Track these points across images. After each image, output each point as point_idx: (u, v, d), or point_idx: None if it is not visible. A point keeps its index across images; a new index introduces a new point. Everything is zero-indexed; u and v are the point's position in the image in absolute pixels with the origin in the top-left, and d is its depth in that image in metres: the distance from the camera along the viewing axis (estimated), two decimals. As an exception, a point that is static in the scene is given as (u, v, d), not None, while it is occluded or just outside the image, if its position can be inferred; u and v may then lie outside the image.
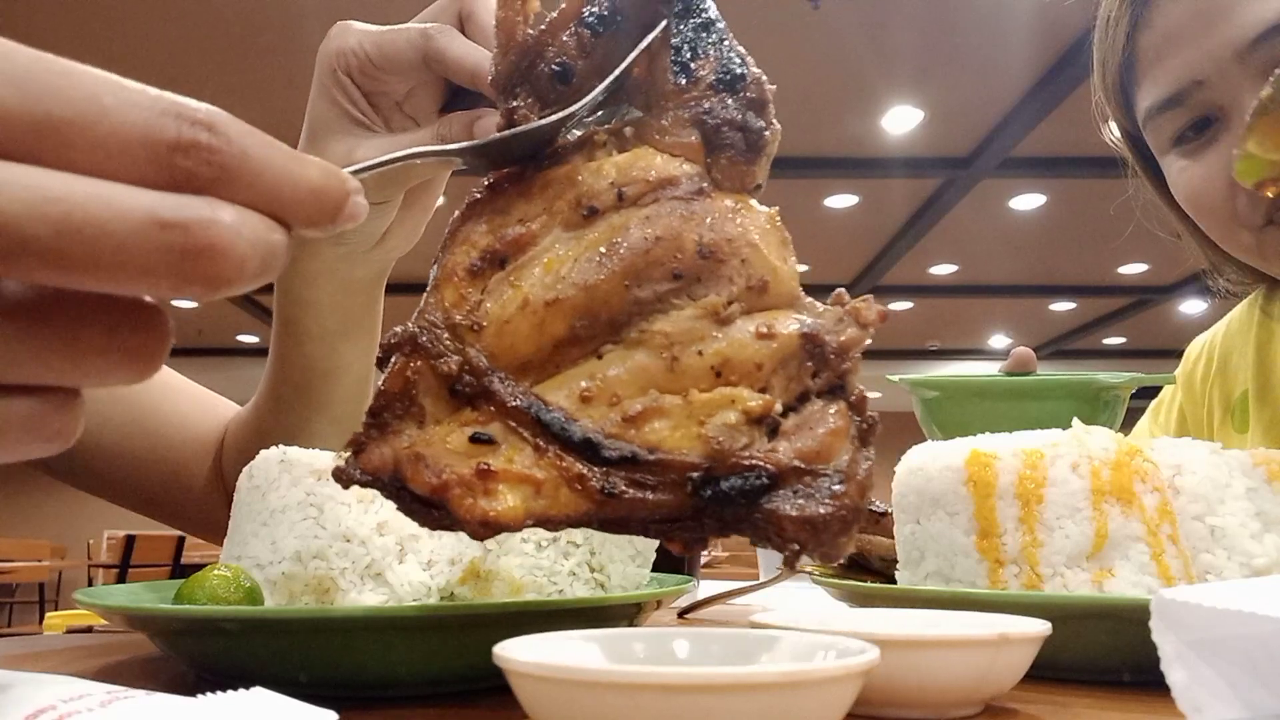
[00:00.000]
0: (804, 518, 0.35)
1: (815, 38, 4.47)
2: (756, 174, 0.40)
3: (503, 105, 0.41)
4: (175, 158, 0.24)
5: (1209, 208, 0.85)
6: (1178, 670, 0.31)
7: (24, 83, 0.23)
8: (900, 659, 0.39)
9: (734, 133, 0.40)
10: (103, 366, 0.25)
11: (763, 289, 0.38)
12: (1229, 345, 1.10)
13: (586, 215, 0.39)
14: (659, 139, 0.40)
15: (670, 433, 0.36)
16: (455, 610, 0.46)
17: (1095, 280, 8.40)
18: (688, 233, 0.38)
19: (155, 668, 0.58)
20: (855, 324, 0.39)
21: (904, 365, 11.46)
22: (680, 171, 0.39)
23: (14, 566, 6.72)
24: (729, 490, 0.35)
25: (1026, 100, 5.03)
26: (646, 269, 0.37)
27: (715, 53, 0.40)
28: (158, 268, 0.23)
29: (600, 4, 0.40)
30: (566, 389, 0.37)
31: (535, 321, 0.37)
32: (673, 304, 0.37)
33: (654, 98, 0.41)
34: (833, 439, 0.37)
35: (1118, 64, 0.89)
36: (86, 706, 0.27)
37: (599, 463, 0.36)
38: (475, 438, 0.36)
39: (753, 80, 0.40)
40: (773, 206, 0.40)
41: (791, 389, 0.37)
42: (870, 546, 0.75)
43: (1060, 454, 0.57)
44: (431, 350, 0.37)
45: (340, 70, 0.61)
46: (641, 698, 0.28)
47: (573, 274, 0.37)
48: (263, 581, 0.59)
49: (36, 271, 0.23)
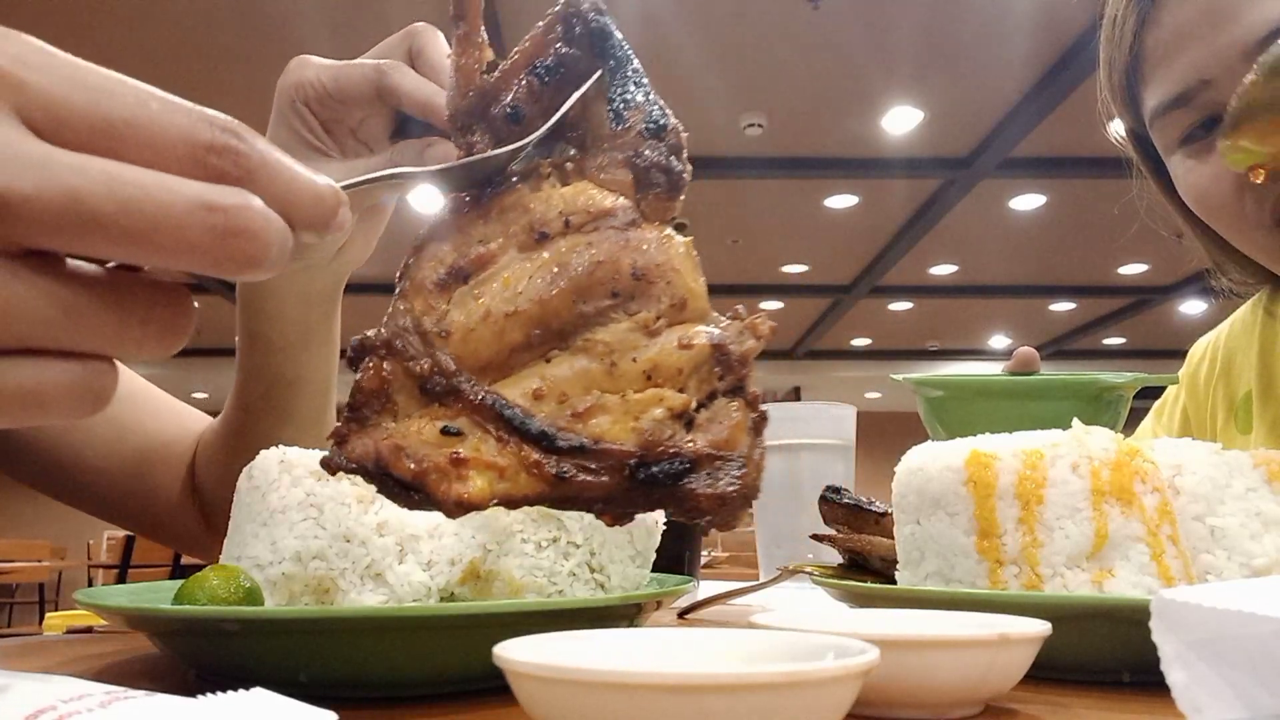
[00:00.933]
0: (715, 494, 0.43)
1: (815, 38, 4.47)
2: (675, 208, 0.47)
3: (461, 139, 0.48)
4: (210, 157, 0.28)
5: (1217, 207, 0.85)
6: (1178, 670, 0.31)
7: (88, 88, 0.27)
8: (900, 659, 0.39)
9: (660, 174, 0.47)
10: (140, 336, 0.29)
11: (683, 306, 0.46)
12: (1233, 346, 1.10)
13: (539, 239, 0.45)
14: (597, 174, 0.47)
15: (611, 426, 0.43)
16: (455, 610, 0.46)
17: (1095, 280, 8.41)
18: (624, 258, 0.45)
19: (155, 668, 0.58)
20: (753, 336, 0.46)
21: (904, 365, 11.46)
22: (616, 205, 0.46)
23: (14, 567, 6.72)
24: (658, 474, 0.42)
25: (1026, 100, 5.03)
26: (590, 287, 0.44)
27: (643, 104, 0.48)
28: (201, 244, 0.27)
29: (547, 57, 0.47)
30: (520, 387, 0.43)
31: (496, 330, 0.43)
32: (611, 317, 0.45)
33: (591, 139, 0.48)
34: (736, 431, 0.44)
35: (1124, 63, 0.89)
36: (86, 707, 0.27)
37: (552, 451, 0.42)
38: (446, 430, 0.42)
39: (673, 129, 0.48)
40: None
41: (703, 389, 0.45)
42: (870, 546, 0.75)
43: (1060, 454, 0.57)
44: (405, 353, 0.42)
45: (299, 100, 0.66)
46: (641, 698, 0.28)
47: (528, 289, 0.44)
48: (263, 582, 0.59)
49: (102, 245, 0.27)
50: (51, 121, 0.27)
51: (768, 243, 7.45)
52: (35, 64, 0.27)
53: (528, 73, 0.47)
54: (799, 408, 1.14)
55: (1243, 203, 0.82)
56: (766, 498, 1.15)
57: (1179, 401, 1.16)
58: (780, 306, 9.32)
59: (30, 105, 0.27)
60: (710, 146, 5.64)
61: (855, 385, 11.23)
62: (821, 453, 1.12)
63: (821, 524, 0.82)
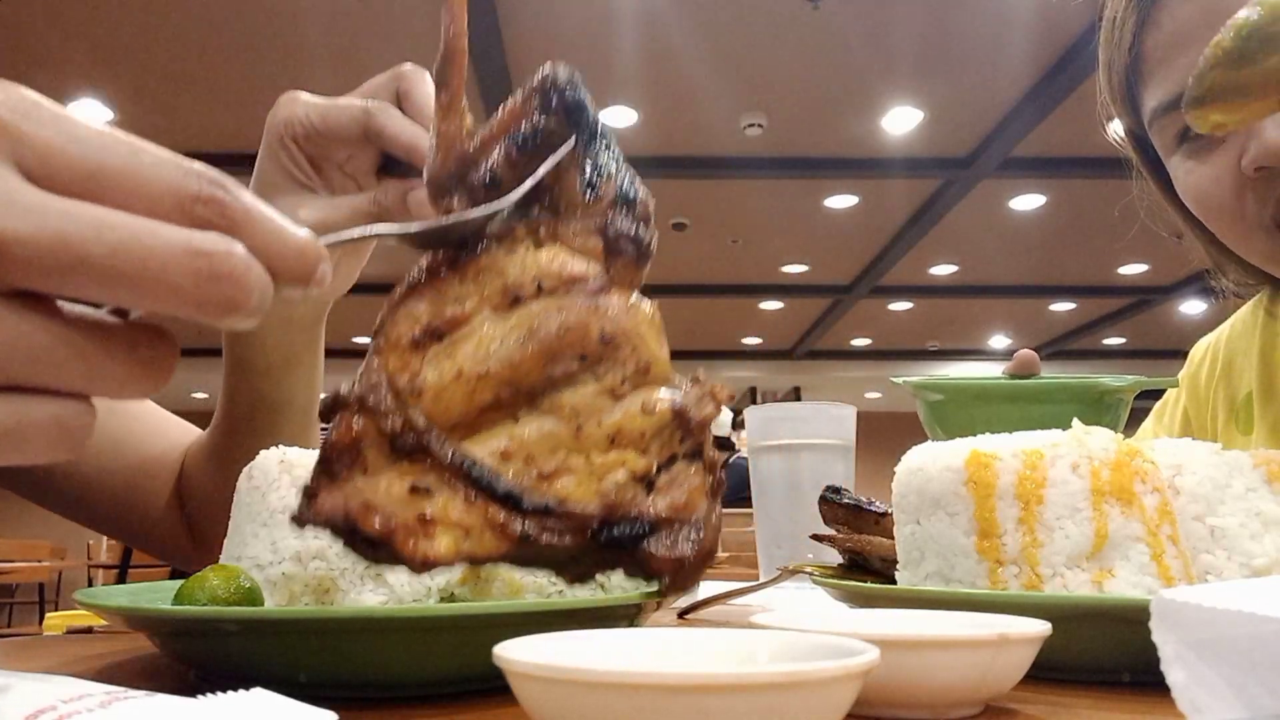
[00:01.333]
0: (673, 558, 0.44)
1: (815, 38, 4.47)
2: (643, 276, 0.50)
3: (439, 201, 0.49)
4: (196, 207, 0.29)
5: (1217, 208, 0.85)
6: (1178, 670, 0.31)
7: (80, 140, 0.29)
8: (900, 659, 0.39)
9: (629, 243, 0.49)
10: (123, 376, 0.30)
11: (646, 371, 0.47)
12: (1233, 347, 1.10)
13: (512, 302, 0.47)
14: (570, 240, 0.49)
15: (575, 488, 0.44)
16: (455, 611, 0.46)
17: (1095, 280, 8.41)
18: (593, 323, 0.46)
19: (155, 668, 0.58)
20: (712, 401, 0.48)
21: (904, 365, 11.46)
22: (587, 270, 0.48)
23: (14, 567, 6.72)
24: (619, 535, 0.44)
25: (1026, 100, 5.03)
26: (560, 350, 0.46)
27: (615, 174, 0.50)
28: (185, 287, 0.28)
29: (525, 126, 0.49)
30: (489, 446, 0.45)
31: (468, 390, 0.44)
32: (579, 380, 0.46)
33: (564, 205, 0.50)
34: (695, 495, 0.46)
35: (1124, 64, 0.89)
36: (86, 707, 0.27)
37: (518, 512, 0.43)
38: (415, 488, 0.43)
39: (642, 201, 0.50)
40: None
41: (664, 452, 0.47)
42: (870, 546, 0.75)
43: (1060, 454, 0.57)
44: (377, 409, 0.43)
45: (287, 136, 0.67)
46: (641, 698, 0.28)
47: (500, 351, 0.45)
48: (263, 582, 0.59)
49: (90, 287, 0.28)
50: (46, 170, 0.28)
51: (768, 243, 7.45)
52: (32, 115, 0.28)
53: (507, 139, 0.49)
54: (799, 408, 1.14)
55: (1242, 204, 0.82)
56: (767, 498, 1.15)
57: (1179, 403, 1.16)
58: (780, 306, 9.32)
59: (26, 154, 0.28)
60: (710, 146, 5.64)
61: (855, 385, 11.24)
62: (821, 453, 1.12)
63: (821, 524, 0.82)
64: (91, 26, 4.18)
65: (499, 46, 4.36)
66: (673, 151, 5.70)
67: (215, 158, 4.45)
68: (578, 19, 4.25)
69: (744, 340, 10.97)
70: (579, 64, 0.50)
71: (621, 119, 5.25)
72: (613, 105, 5.08)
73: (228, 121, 5.07)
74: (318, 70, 4.49)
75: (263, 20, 4.19)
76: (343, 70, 4.48)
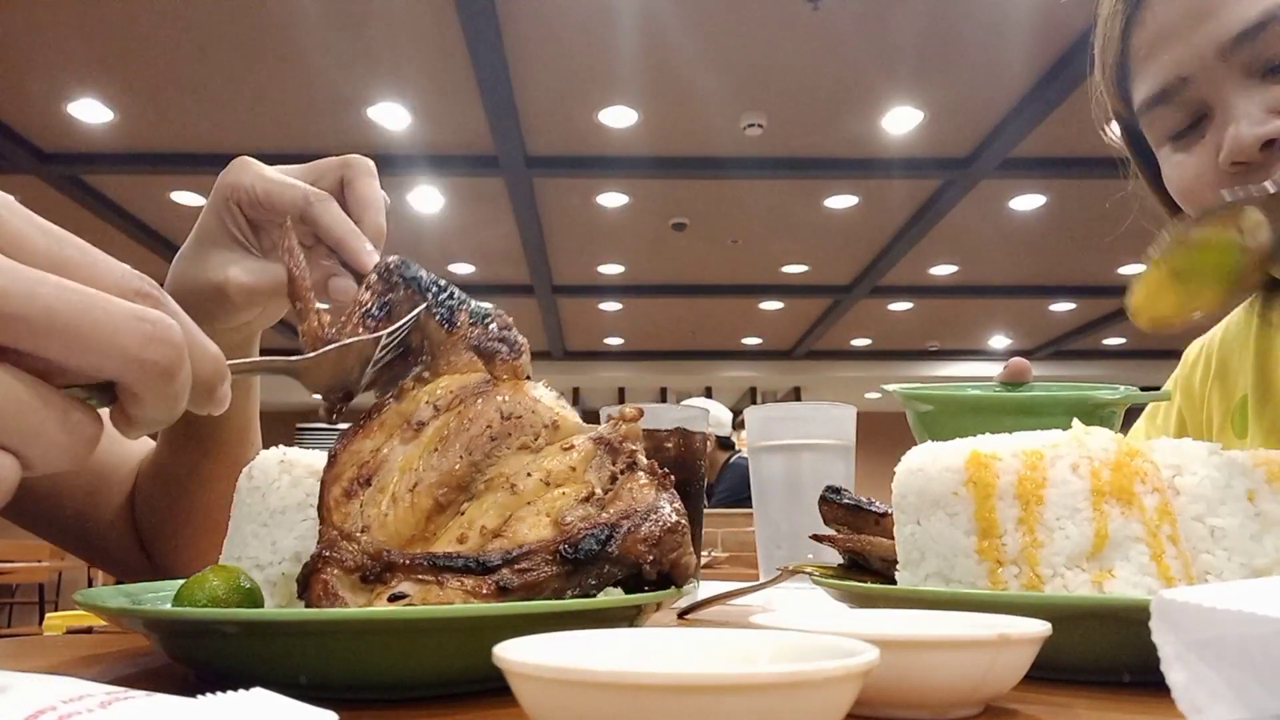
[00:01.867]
0: (643, 537, 0.49)
1: (815, 38, 4.47)
2: (525, 368, 0.57)
3: (326, 397, 0.58)
4: (137, 298, 0.35)
5: (1200, 202, 0.86)
6: (1178, 670, 0.31)
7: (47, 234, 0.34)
8: (900, 659, 0.39)
9: (500, 344, 0.57)
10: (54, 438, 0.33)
11: (555, 427, 0.54)
12: (1227, 350, 1.10)
13: (417, 429, 0.54)
14: (451, 368, 0.57)
15: (529, 531, 0.50)
16: (455, 611, 0.46)
17: (1095, 280, 8.41)
18: (489, 409, 0.54)
19: (155, 668, 0.58)
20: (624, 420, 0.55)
21: (904, 365, 11.46)
22: (471, 379, 0.56)
23: (14, 567, 6.72)
24: (587, 549, 0.49)
25: (1026, 100, 5.03)
26: (473, 439, 0.52)
27: (464, 307, 0.59)
28: (131, 347, 0.33)
29: (373, 305, 0.59)
30: (445, 542, 0.50)
31: (407, 504, 0.51)
32: (498, 455, 0.53)
33: (434, 347, 0.59)
34: (643, 491, 0.52)
35: (1115, 61, 0.90)
36: (86, 707, 0.27)
37: (487, 572, 0.48)
38: (393, 596, 0.48)
39: (496, 314, 0.59)
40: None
41: (603, 476, 0.53)
42: (870, 547, 0.75)
43: (1060, 455, 0.57)
44: (339, 559, 0.49)
45: (232, 200, 0.72)
46: (641, 698, 0.28)
47: (422, 464, 0.52)
48: (263, 582, 0.59)
49: (48, 342, 0.32)
50: (17, 252, 0.32)
51: (767, 243, 7.45)
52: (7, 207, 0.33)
53: (362, 315, 0.59)
54: (799, 408, 1.14)
55: None
56: (766, 498, 1.15)
57: (1174, 405, 1.16)
58: (780, 307, 9.32)
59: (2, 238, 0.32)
60: (710, 146, 5.64)
61: (855, 385, 11.22)
62: (821, 453, 1.12)
63: (821, 524, 0.82)
64: (91, 26, 4.18)
65: (499, 47, 4.36)
66: (672, 151, 5.70)
67: (214, 158, 4.46)
68: (578, 19, 4.25)
69: (744, 340, 10.97)
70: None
71: (621, 119, 5.25)
72: (613, 105, 5.08)
73: (227, 122, 5.06)
74: (317, 70, 4.49)
75: (263, 20, 4.19)
76: (342, 71, 4.49)
